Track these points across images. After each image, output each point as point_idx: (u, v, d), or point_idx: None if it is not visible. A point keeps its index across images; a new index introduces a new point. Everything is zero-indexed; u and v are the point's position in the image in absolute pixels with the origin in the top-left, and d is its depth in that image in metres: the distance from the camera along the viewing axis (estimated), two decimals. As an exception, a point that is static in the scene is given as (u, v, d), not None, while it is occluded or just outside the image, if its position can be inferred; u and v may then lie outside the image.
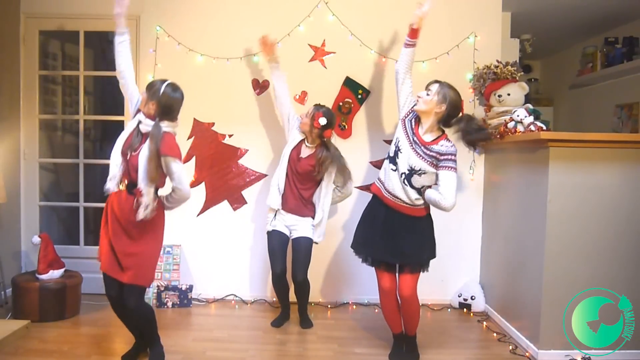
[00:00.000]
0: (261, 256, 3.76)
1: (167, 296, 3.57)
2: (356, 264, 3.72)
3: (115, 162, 2.47)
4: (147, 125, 2.43)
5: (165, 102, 2.42)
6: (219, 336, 3.07)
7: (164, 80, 2.47)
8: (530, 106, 3.22)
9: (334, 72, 3.66)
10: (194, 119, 3.67)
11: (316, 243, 3.22)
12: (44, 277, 3.23)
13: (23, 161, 3.77)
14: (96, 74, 4.14)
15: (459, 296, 3.70)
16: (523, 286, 3.05)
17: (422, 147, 2.56)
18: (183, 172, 2.45)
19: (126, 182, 2.46)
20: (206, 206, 3.74)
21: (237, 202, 3.75)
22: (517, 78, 3.41)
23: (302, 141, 3.19)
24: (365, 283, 3.76)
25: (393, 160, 2.64)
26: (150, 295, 3.57)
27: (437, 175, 2.57)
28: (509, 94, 3.34)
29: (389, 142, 3.69)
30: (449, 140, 2.58)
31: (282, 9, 3.65)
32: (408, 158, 2.58)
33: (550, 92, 5.65)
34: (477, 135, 2.53)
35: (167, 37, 3.62)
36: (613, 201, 2.77)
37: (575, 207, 2.76)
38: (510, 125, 3.09)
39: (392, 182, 2.62)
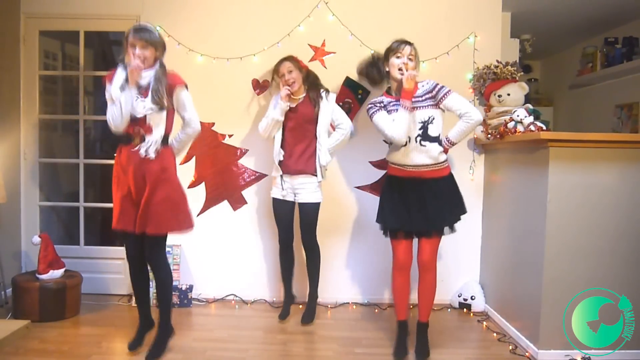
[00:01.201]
0: (261, 256, 3.76)
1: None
2: (356, 264, 3.74)
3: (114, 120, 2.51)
4: (141, 79, 2.50)
5: (163, 41, 2.59)
6: (219, 336, 3.07)
7: (141, 26, 2.55)
8: (530, 106, 3.23)
9: (334, 72, 3.66)
10: (194, 119, 3.67)
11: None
12: (44, 277, 3.24)
13: (23, 161, 3.77)
14: (96, 74, 4.13)
15: (458, 296, 3.70)
16: (523, 286, 3.05)
17: (414, 101, 2.63)
18: (192, 100, 2.65)
19: (139, 139, 2.51)
20: (206, 206, 3.74)
21: (237, 202, 3.75)
22: (517, 78, 3.42)
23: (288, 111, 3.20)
24: (365, 283, 3.77)
25: None
26: (150, 295, 3.56)
27: (443, 108, 2.68)
28: (509, 94, 3.34)
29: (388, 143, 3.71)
30: (421, 81, 2.71)
31: (282, 9, 3.65)
32: (414, 118, 2.62)
33: (550, 92, 5.65)
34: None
35: (167, 37, 3.62)
36: (613, 201, 2.77)
37: (575, 207, 2.77)
38: (510, 125, 3.09)
39: (408, 156, 2.66)
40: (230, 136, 3.71)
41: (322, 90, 3.23)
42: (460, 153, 3.64)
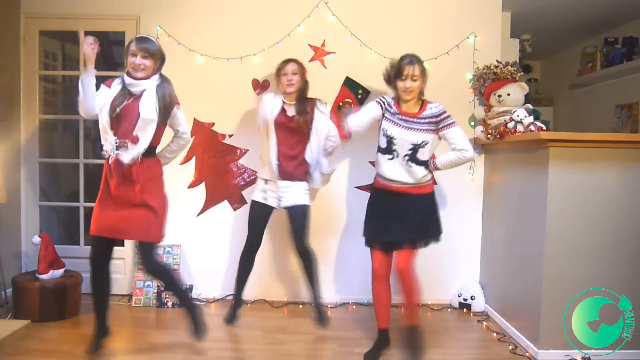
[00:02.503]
0: (261, 256, 3.75)
1: (167, 296, 3.57)
2: (356, 264, 3.74)
3: (106, 127, 2.54)
4: (137, 86, 2.53)
5: (163, 54, 2.60)
6: (219, 336, 3.07)
7: (143, 37, 2.58)
8: (530, 106, 3.22)
9: (334, 72, 3.66)
10: (194, 119, 3.67)
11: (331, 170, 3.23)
12: (44, 277, 3.24)
13: (23, 161, 3.77)
14: (96, 73, 4.13)
15: (458, 296, 3.70)
16: (523, 286, 3.05)
17: (415, 121, 2.63)
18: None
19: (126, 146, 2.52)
20: (206, 206, 3.74)
21: (237, 202, 3.75)
22: (517, 78, 3.41)
23: (282, 106, 3.12)
24: (365, 283, 3.76)
25: (387, 150, 2.67)
26: (150, 295, 3.57)
27: (441, 136, 2.69)
28: (509, 94, 3.34)
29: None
30: (431, 102, 2.70)
31: (282, 9, 3.65)
32: (408, 139, 2.62)
33: (550, 92, 5.65)
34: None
35: (167, 37, 3.62)
36: (613, 201, 2.77)
37: (575, 207, 2.77)
38: (510, 125, 3.09)
39: (392, 170, 2.66)
40: (230, 136, 3.71)
41: (318, 100, 3.17)
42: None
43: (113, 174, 2.51)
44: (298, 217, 3.09)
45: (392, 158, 2.66)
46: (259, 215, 3.17)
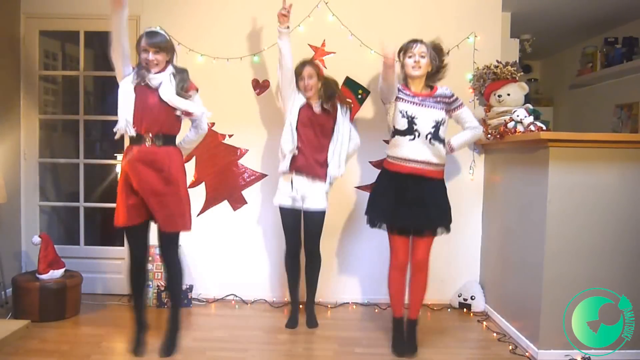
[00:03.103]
0: (261, 256, 3.76)
1: (167, 296, 3.57)
2: (356, 264, 3.74)
3: (127, 109, 2.54)
4: (154, 80, 2.57)
5: (173, 45, 2.67)
6: (219, 336, 3.07)
7: (153, 32, 2.63)
8: (530, 106, 3.22)
9: (334, 72, 3.64)
10: (194, 119, 3.67)
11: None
12: (44, 277, 3.24)
13: (23, 161, 3.77)
14: (96, 74, 4.14)
15: (458, 296, 3.70)
16: (523, 286, 3.05)
17: (432, 100, 2.75)
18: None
19: (151, 135, 2.56)
20: (206, 206, 3.74)
21: (237, 202, 3.75)
22: (517, 78, 3.41)
23: (306, 103, 3.14)
24: (365, 283, 3.77)
25: (408, 130, 2.70)
26: (150, 295, 3.57)
27: (454, 117, 2.82)
28: (508, 94, 3.34)
29: (388, 142, 3.70)
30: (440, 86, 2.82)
31: (282, 9, 3.65)
32: (429, 116, 2.70)
33: (550, 92, 5.65)
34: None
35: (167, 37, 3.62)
36: (613, 201, 2.77)
37: (575, 207, 2.77)
38: (510, 125, 3.09)
39: (416, 150, 2.70)
40: (230, 136, 3.71)
41: (343, 105, 3.20)
42: (461, 153, 3.63)
43: (138, 164, 2.55)
44: (316, 221, 3.15)
45: (414, 138, 2.70)
46: (292, 221, 3.18)
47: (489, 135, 3.35)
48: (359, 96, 3.68)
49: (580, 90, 5.02)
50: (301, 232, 3.23)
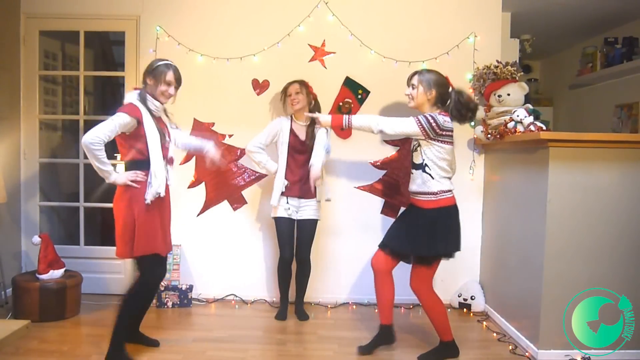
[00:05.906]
0: (261, 256, 3.76)
1: (167, 296, 3.57)
2: (356, 264, 3.74)
3: (160, 166, 2.57)
4: (159, 110, 2.64)
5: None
6: (219, 336, 3.07)
7: (176, 67, 2.64)
8: (530, 106, 3.22)
9: (334, 72, 3.66)
10: (194, 119, 3.67)
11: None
12: (44, 277, 3.24)
13: (23, 161, 3.77)
14: (96, 74, 4.14)
15: (458, 296, 3.70)
16: (523, 286, 3.05)
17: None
18: None
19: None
20: (206, 206, 3.74)
21: (237, 202, 3.75)
22: (517, 78, 3.41)
23: (291, 125, 3.31)
24: (365, 283, 3.77)
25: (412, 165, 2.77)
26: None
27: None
28: (508, 94, 3.34)
29: (388, 142, 3.71)
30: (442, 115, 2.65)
31: (282, 9, 3.65)
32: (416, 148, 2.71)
33: (550, 92, 5.65)
34: (465, 106, 2.68)
35: (167, 37, 3.62)
36: (612, 201, 2.77)
37: (574, 207, 2.77)
38: (510, 125, 3.09)
39: (411, 183, 2.75)
40: (230, 136, 3.71)
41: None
42: (461, 153, 3.63)
43: (166, 196, 2.63)
44: (309, 230, 3.33)
45: (412, 172, 2.77)
46: (287, 230, 3.32)
47: (489, 135, 3.35)
48: (359, 96, 3.68)
49: (580, 90, 5.02)
50: (294, 241, 3.35)
